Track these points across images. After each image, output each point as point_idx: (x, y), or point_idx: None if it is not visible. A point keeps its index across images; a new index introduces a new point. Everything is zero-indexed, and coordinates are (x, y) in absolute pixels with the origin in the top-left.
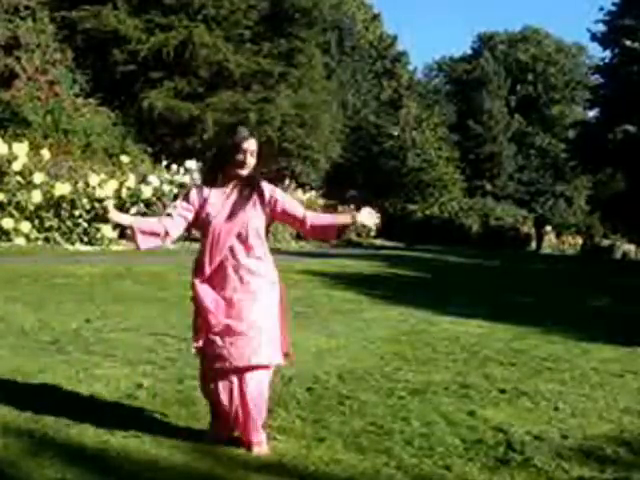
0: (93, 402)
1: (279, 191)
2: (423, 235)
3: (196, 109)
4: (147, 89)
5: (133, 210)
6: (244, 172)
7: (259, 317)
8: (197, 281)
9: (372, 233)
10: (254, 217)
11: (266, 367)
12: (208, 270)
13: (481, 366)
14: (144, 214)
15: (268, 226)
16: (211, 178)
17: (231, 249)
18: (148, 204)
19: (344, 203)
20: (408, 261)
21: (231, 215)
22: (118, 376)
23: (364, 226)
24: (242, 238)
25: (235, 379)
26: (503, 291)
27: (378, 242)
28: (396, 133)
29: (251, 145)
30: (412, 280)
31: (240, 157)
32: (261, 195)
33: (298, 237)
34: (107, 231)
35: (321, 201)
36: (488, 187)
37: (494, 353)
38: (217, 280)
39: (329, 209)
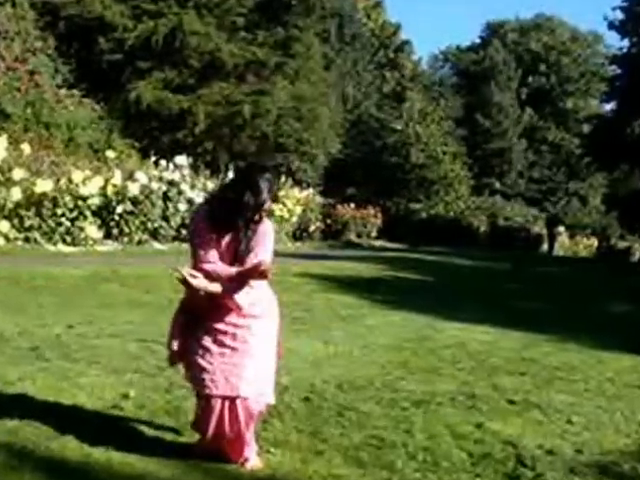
0: (75, 413)
1: (261, 239)
2: (427, 236)
3: (187, 101)
4: (134, 80)
5: (119, 209)
6: (242, 224)
7: (254, 367)
8: (181, 307)
9: (373, 233)
10: (250, 261)
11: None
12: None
13: (489, 375)
14: (131, 213)
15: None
16: (215, 220)
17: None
18: (135, 202)
19: (343, 201)
20: (411, 263)
21: (227, 255)
22: (102, 385)
23: None
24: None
25: (228, 404)
26: (513, 296)
27: (379, 243)
28: (399, 127)
29: (268, 202)
30: (416, 284)
31: (248, 214)
32: (254, 242)
33: (295, 238)
34: (91, 231)
35: (319, 199)
36: (497, 185)
37: (503, 362)
38: (205, 313)
39: (327, 208)
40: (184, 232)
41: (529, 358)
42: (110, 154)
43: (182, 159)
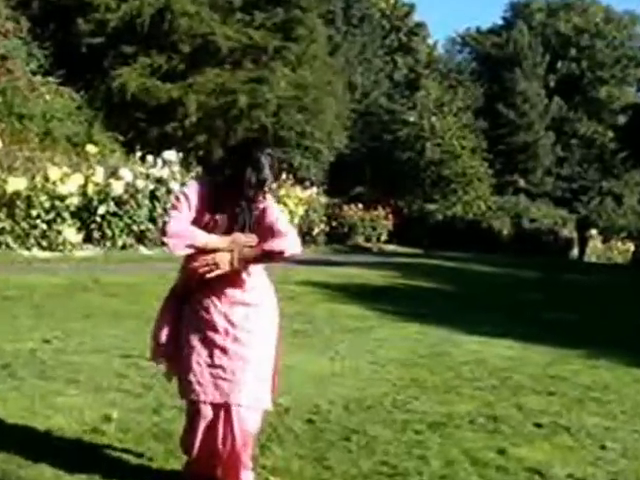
0: (51, 438)
1: (277, 217)
2: (444, 240)
3: (176, 90)
4: (118, 66)
5: (101, 210)
6: (244, 202)
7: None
8: (171, 296)
9: (384, 237)
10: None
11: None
12: (183, 291)
13: (513, 395)
14: (114, 214)
15: None
16: (211, 197)
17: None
18: (119, 202)
19: (350, 201)
20: (426, 270)
21: (227, 227)
22: (82, 406)
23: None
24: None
25: (219, 412)
26: (539, 306)
27: (390, 248)
28: (412, 119)
29: (270, 178)
30: (430, 293)
31: (249, 192)
32: (256, 222)
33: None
34: (70, 234)
35: (323, 199)
36: (521, 183)
37: (528, 380)
38: (198, 306)
39: (332, 208)
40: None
41: (557, 376)
42: (91, 149)
43: (171, 154)
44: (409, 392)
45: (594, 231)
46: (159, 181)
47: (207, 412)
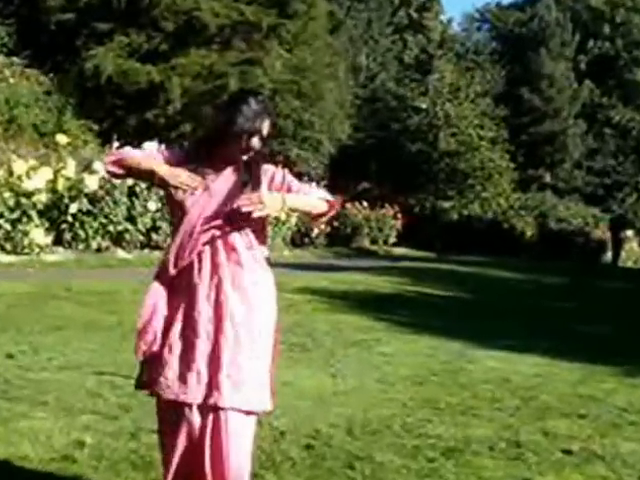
0: (16, 466)
1: (291, 178)
2: (459, 242)
3: (158, 73)
4: (92, 46)
5: (73, 208)
6: (245, 157)
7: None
8: (156, 282)
9: (392, 239)
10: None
11: (249, 413)
12: (173, 271)
13: (538, 418)
14: (87, 213)
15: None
16: (197, 155)
17: (210, 248)
18: (93, 200)
19: (354, 199)
20: (439, 276)
21: (215, 203)
22: (51, 430)
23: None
24: (226, 235)
25: (203, 426)
26: (568, 317)
27: (399, 251)
28: (424, 106)
29: (264, 127)
30: (445, 302)
31: (244, 143)
32: (260, 184)
33: (294, 244)
34: (38, 235)
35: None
36: (547, 178)
37: (556, 400)
38: (182, 289)
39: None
40: (156, 237)
41: (589, 396)
42: (61, 139)
43: (153, 145)
44: (421, 414)
45: (630, 232)
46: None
47: (190, 417)
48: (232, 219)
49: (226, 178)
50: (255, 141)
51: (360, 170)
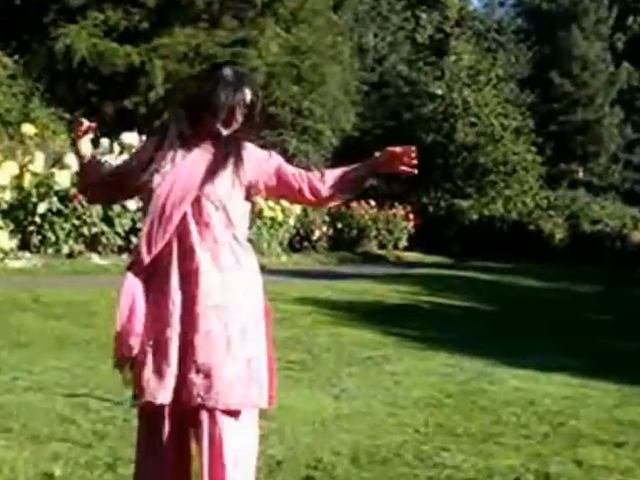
0: None
1: (280, 158)
2: (479, 246)
3: (138, 54)
4: (62, 24)
5: (42, 207)
6: (226, 131)
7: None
8: (130, 273)
9: (403, 242)
10: (224, 184)
11: (246, 416)
12: (147, 259)
13: (570, 446)
14: (58, 213)
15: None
16: (172, 133)
17: (183, 229)
18: (65, 198)
19: (360, 197)
20: (457, 285)
21: (187, 177)
22: (15, 461)
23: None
24: (200, 212)
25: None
26: (603, 332)
27: (411, 256)
28: (440, 92)
29: (245, 96)
30: (463, 314)
31: (223, 115)
32: (242, 160)
33: (293, 248)
34: (1, 239)
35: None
36: (580, 174)
37: (590, 427)
38: (157, 281)
39: (338, 206)
40: (136, 240)
41: (627, 421)
42: (28, 129)
43: (132, 137)
44: (436, 441)
45: None
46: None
47: (166, 423)
48: (208, 196)
49: (199, 153)
50: (238, 114)
51: None
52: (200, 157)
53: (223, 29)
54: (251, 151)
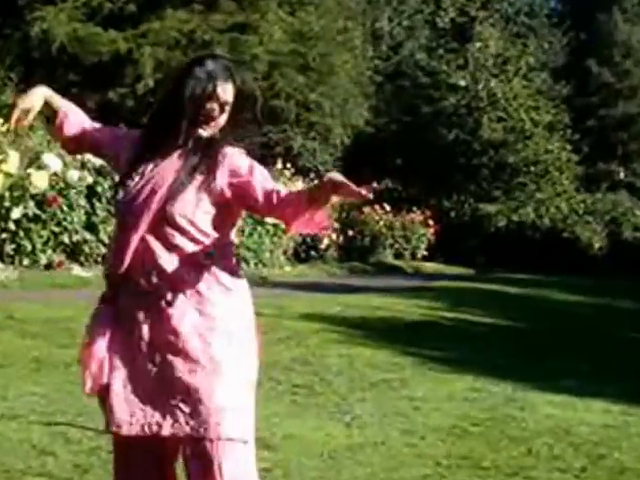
0: None
1: (258, 167)
2: (508, 255)
3: (125, 41)
4: (39, 5)
5: (16, 213)
6: (204, 133)
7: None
8: (99, 297)
9: (421, 252)
10: (187, 198)
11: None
12: (113, 277)
13: None
14: (35, 219)
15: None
16: (148, 138)
17: (147, 249)
18: (42, 202)
19: (374, 201)
20: (482, 299)
21: (152, 187)
22: None
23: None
24: (163, 231)
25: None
26: None
27: (431, 267)
28: (463, 83)
29: (225, 92)
30: (488, 331)
31: (190, 112)
32: (217, 166)
33: (298, 258)
34: None
35: (335, 197)
36: (621, 175)
37: (634, 460)
38: (125, 300)
39: (349, 211)
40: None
41: None
42: (0, 125)
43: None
44: (460, 475)
45: None
46: (100, 172)
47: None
48: (172, 214)
49: (170, 161)
50: (212, 108)
51: (381, 165)
52: (166, 168)
53: (220, 12)
54: (229, 159)
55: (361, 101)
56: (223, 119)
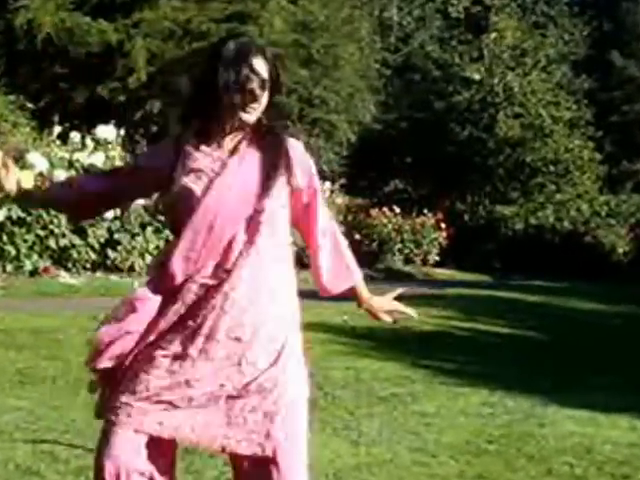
0: None
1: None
2: (526, 261)
3: (115, 31)
4: None
5: (0, 216)
6: (251, 117)
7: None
8: (149, 287)
9: (433, 257)
10: (275, 194)
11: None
12: (180, 278)
13: None
14: (20, 222)
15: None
16: (190, 127)
17: (228, 247)
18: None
19: (382, 203)
20: (498, 308)
21: (240, 188)
22: None
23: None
24: (254, 231)
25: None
26: None
27: (443, 273)
28: (477, 77)
29: (261, 68)
30: (505, 342)
31: (238, 95)
32: (290, 163)
33: (300, 264)
34: None
35: (340, 199)
36: None
37: None
38: (188, 307)
39: (355, 213)
40: (113, 255)
41: None
42: None
43: (108, 130)
44: None
45: None
46: (88, 172)
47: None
48: (262, 210)
49: (241, 156)
50: (252, 89)
51: (389, 164)
52: (242, 163)
53: (217, 1)
54: (298, 151)
55: (368, 96)
56: (265, 99)
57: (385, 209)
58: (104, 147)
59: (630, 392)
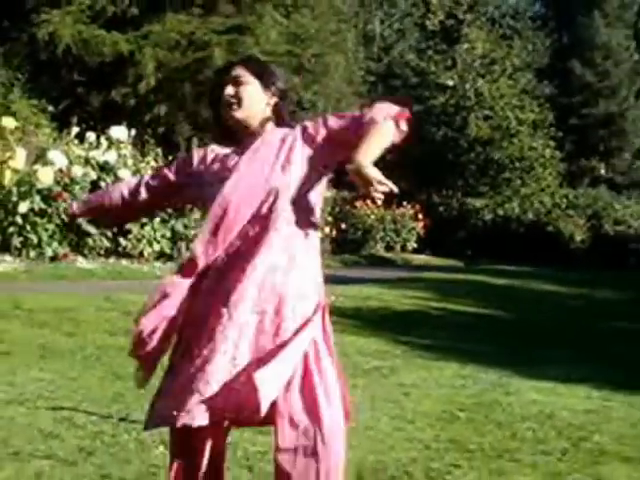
0: None
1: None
2: (494, 248)
3: (127, 42)
4: (45, 9)
5: (23, 207)
6: (238, 113)
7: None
8: (178, 272)
9: (411, 244)
10: (282, 179)
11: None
12: (202, 261)
13: (591, 463)
14: (41, 213)
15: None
16: (217, 132)
17: (243, 237)
18: (48, 197)
19: (365, 196)
20: (469, 289)
21: (253, 175)
22: None
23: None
24: (264, 216)
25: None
26: (628, 342)
27: (420, 259)
28: (451, 83)
29: (230, 70)
30: (475, 321)
31: (223, 96)
32: (294, 141)
33: None
34: None
35: (328, 192)
36: (602, 171)
37: (613, 442)
38: (213, 286)
39: (341, 205)
40: (124, 243)
41: None
42: (8, 123)
43: (120, 131)
44: (447, 458)
45: None
46: (103, 168)
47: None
48: (277, 193)
49: (252, 153)
50: (228, 93)
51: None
52: (252, 159)
53: (218, 15)
54: (306, 125)
55: (354, 100)
56: (248, 93)
57: (368, 202)
58: (117, 146)
59: (585, 365)
